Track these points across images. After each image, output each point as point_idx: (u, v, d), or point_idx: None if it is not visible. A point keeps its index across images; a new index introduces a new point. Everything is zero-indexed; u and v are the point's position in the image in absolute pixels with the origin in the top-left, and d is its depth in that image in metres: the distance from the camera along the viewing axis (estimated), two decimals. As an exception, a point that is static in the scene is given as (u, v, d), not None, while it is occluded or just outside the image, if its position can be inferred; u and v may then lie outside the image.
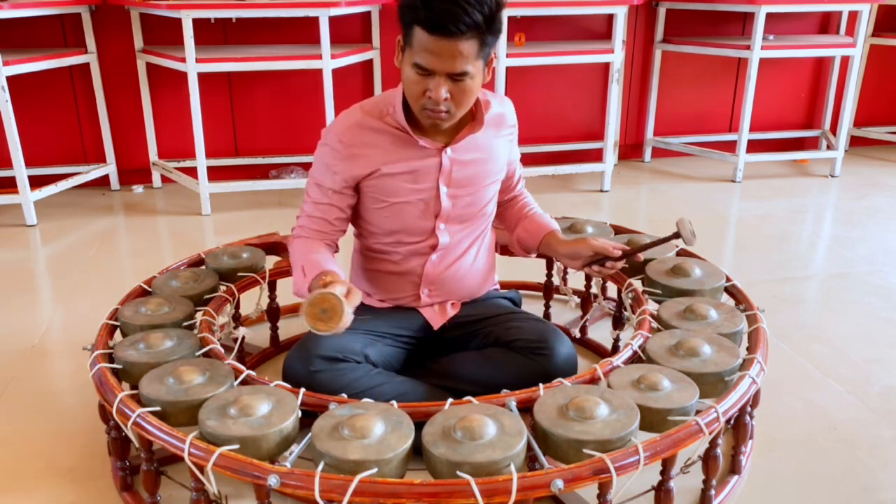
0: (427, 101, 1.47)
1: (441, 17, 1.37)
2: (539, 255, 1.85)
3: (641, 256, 1.69)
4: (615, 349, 1.99)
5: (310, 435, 1.21)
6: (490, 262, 1.84)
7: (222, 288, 1.80)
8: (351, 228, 1.76)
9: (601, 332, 2.13)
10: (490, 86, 3.25)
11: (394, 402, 1.31)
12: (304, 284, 1.52)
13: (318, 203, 1.63)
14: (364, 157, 1.58)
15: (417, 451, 1.19)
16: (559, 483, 1.10)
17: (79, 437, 1.69)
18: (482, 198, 1.70)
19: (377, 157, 1.58)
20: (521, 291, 2.04)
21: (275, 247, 2.10)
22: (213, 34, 3.41)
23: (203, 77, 3.20)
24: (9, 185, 3.20)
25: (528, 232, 1.78)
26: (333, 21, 3.16)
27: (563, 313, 2.25)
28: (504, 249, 2.05)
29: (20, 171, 3.05)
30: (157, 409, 1.29)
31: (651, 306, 1.69)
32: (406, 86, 1.50)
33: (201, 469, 1.18)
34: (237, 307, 1.88)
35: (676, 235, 1.60)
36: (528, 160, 1.69)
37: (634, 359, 1.49)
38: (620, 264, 1.67)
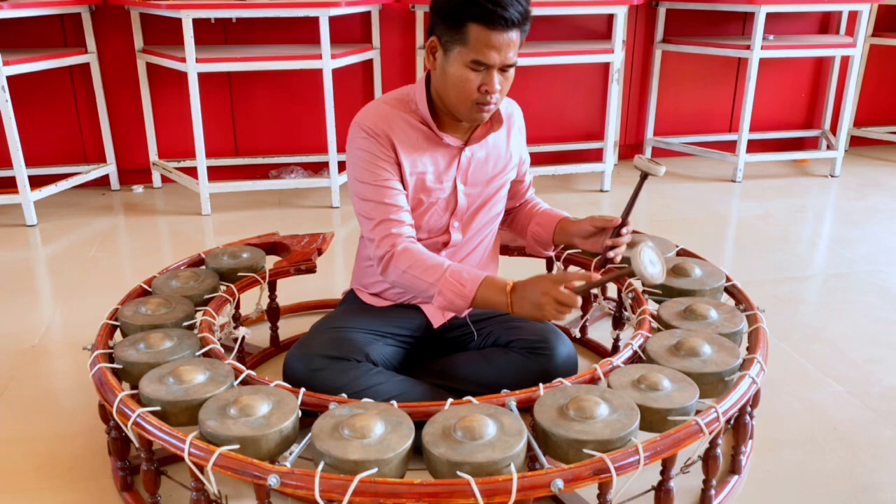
0: (480, 96, 1.49)
1: (501, 11, 1.41)
2: (555, 247, 1.85)
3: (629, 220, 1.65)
4: (615, 349, 1.99)
5: (310, 435, 1.21)
6: (495, 260, 1.84)
7: (222, 288, 1.80)
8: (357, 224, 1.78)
9: (601, 332, 2.13)
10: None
11: (394, 402, 1.31)
12: (466, 296, 1.46)
13: (389, 204, 1.54)
14: (398, 147, 1.56)
15: (417, 451, 1.19)
16: (559, 483, 1.10)
17: (79, 437, 1.69)
18: (494, 196, 1.72)
19: (407, 151, 1.57)
20: (521, 291, 2.04)
21: (275, 247, 2.10)
22: (213, 34, 3.41)
23: (203, 77, 3.20)
24: (9, 185, 3.20)
25: (542, 226, 1.79)
26: (333, 21, 3.16)
27: (563, 313, 2.25)
28: (504, 249, 2.05)
29: (20, 171, 3.05)
30: (157, 409, 1.29)
31: (651, 306, 1.69)
32: (458, 84, 1.48)
33: (201, 469, 1.18)
34: (237, 307, 1.88)
35: (644, 176, 1.59)
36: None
37: (634, 359, 1.49)
38: (625, 239, 1.62)
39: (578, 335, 2.10)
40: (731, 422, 1.46)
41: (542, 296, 1.39)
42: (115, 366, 1.45)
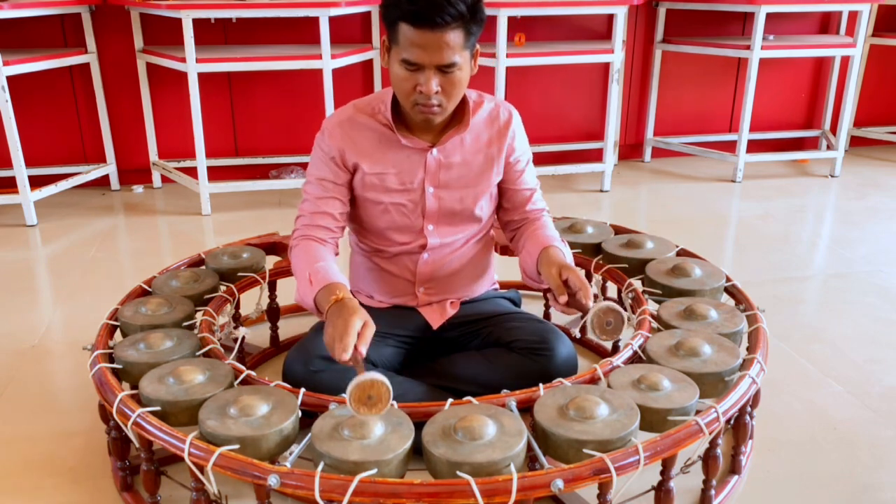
0: (418, 96, 1.48)
1: (426, 10, 1.39)
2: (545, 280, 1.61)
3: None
4: (615, 349, 1.99)
5: (310, 435, 1.21)
6: (487, 261, 1.83)
7: (222, 288, 1.80)
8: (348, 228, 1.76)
9: (601, 332, 2.13)
10: (490, 86, 3.25)
11: (394, 403, 1.31)
12: (310, 294, 1.48)
13: (320, 198, 1.62)
14: (352, 151, 1.60)
15: (417, 451, 1.19)
16: (559, 483, 1.10)
17: (79, 437, 1.69)
18: (472, 201, 1.68)
19: (364, 154, 1.60)
20: (521, 291, 2.04)
21: (275, 247, 2.10)
22: (213, 34, 3.41)
23: (203, 77, 3.20)
24: (9, 185, 3.20)
25: (530, 255, 1.64)
26: (333, 21, 3.16)
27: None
28: (504, 250, 2.05)
29: (20, 171, 3.05)
30: (157, 409, 1.29)
31: (651, 306, 1.69)
32: (395, 83, 1.51)
33: (201, 469, 1.18)
34: (237, 307, 1.88)
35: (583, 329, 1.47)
36: (528, 160, 1.74)
37: (634, 359, 1.49)
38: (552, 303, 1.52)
39: (578, 335, 2.08)
40: (731, 422, 1.46)
41: (338, 321, 1.31)
42: (115, 366, 1.45)
